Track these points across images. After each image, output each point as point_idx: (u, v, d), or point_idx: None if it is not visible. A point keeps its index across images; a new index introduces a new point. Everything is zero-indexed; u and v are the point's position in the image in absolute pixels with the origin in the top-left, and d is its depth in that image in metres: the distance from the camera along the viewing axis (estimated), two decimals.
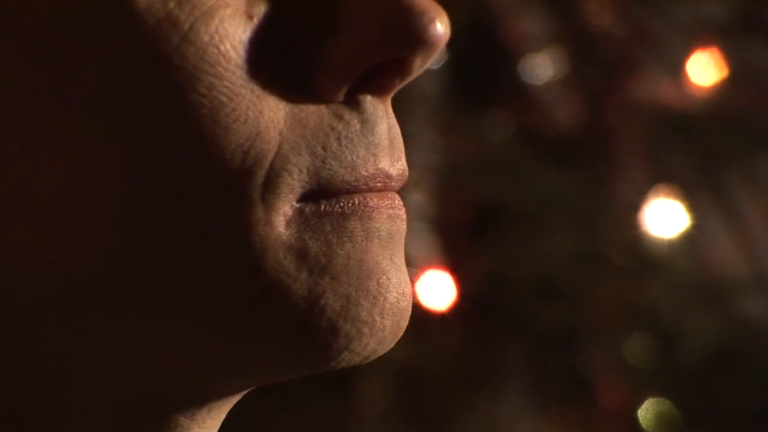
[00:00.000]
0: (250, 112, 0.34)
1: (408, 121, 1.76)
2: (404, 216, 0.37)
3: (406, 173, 0.38)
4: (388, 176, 0.36)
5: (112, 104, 0.34)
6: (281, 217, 0.34)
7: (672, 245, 2.03)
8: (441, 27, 0.36)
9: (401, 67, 0.36)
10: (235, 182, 0.34)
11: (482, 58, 1.98)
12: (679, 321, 2.02)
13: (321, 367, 0.37)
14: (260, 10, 0.35)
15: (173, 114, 0.34)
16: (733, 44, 1.94)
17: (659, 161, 2.06)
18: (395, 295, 0.36)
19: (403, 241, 0.38)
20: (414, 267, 1.82)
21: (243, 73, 0.34)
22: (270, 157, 0.34)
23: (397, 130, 0.37)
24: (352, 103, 0.36)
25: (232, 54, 0.34)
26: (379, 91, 0.37)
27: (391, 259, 0.37)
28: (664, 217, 1.97)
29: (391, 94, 0.37)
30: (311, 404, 1.81)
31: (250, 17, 0.35)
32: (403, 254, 0.38)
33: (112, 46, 0.33)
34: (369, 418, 1.84)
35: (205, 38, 0.34)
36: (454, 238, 2.00)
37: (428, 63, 0.36)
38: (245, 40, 0.34)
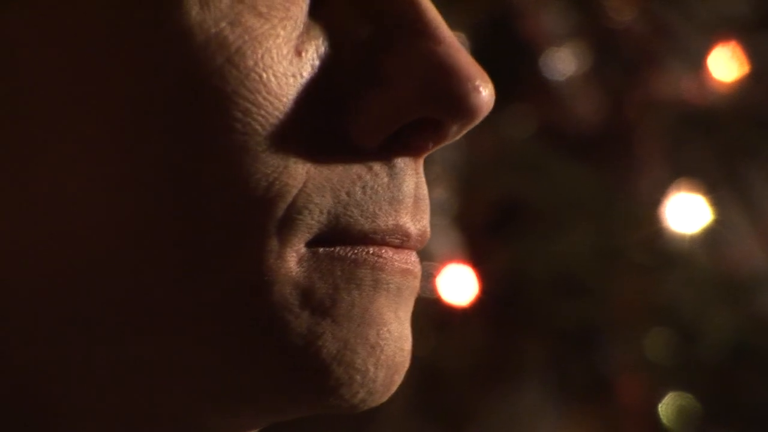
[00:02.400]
0: (281, 145, 0.34)
1: None
2: (418, 273, 0.37)
3: (428, 235, 0.37)
4: (407, 234, 0.36)
5: (146, 115, 0.33)
6: (294, 254, 0.34)
7: (693, 241, 2.03)
8: (485, 96, 0.35)
9: (437, 129, 0.36)
10: (254, 211, 0.34)
11: (503, 53, 1.98)
12: (700, 317, 2.02)
13: (307, 408, 0.36)
14: (311, 48, 0.35)
15: (204, 134, 0.33)
16: (754, 40, 1.93)
17: (680, 157, 2.06)
18: (393, 348, 0.36)
19: (412, 298, 0.37)
20: (436, 262, 1.82)
21: (281, 105, 0.34)
22: (294, 192, 0.34)
23: (424, 190, 0.37)
24: (384, 156, 0.35)
25: (273, 84, 0.34)
26: (411, 151, 0.36)
27: (395, 312, 0.36)
28: (685, 213, 1.97)
29: (424, 155, 0.37)
30: None
31: (299, 53, 0.34)
32: (409, 311, 0.37)
33: (156, 56, 0.33)
34: (389, 413, 1.84)
35: (250, 63, 0.33)
36: (476, 234, 2.00)
37: (465, 131, 0.36)
38: (289, 74, 0.34)
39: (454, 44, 0.35)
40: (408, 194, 0.36)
